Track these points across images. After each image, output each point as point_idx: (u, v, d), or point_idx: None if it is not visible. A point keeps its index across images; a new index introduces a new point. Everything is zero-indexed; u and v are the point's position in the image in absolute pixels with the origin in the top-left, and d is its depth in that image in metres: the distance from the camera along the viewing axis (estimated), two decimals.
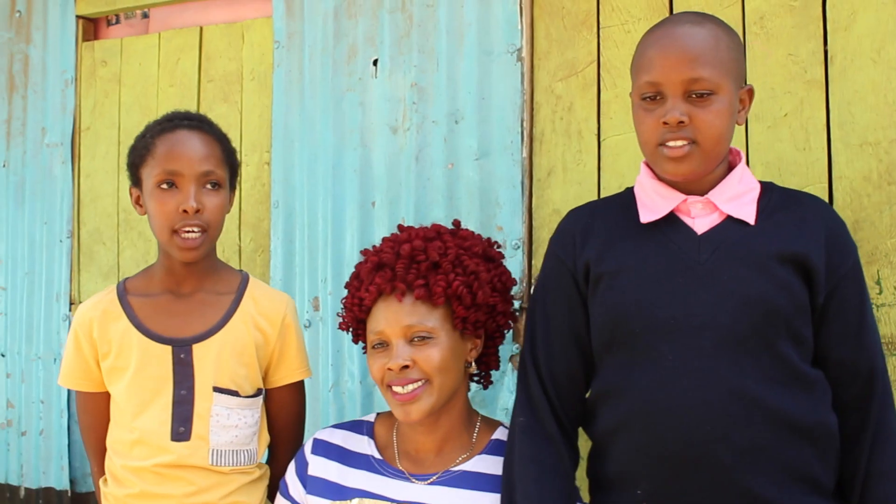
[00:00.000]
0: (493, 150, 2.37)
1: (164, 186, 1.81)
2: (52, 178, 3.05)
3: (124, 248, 2.96)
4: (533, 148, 2.38)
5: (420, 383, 1.68)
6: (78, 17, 3.03)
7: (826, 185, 2.04)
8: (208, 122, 1.91)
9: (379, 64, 2.52)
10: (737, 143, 2.09)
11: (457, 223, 1.87)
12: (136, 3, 2.96)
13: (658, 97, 1.54)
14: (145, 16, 3.06)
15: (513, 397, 2.33)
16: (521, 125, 2.35)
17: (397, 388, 1.68)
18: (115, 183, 2.97)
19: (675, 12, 2.21)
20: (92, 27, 3.10)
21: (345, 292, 2.50)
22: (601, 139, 2.29)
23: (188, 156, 1.80)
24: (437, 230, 1.81)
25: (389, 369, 1.68)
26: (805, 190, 2.04)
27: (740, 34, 2.12)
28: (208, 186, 1.83)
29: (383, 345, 1.72)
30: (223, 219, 1.87)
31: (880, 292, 1.98)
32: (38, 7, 3.08)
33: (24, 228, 3.08)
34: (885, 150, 1.99)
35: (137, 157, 1.87)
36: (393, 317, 1.70)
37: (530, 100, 2.38)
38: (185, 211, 1.78)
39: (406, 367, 1.67)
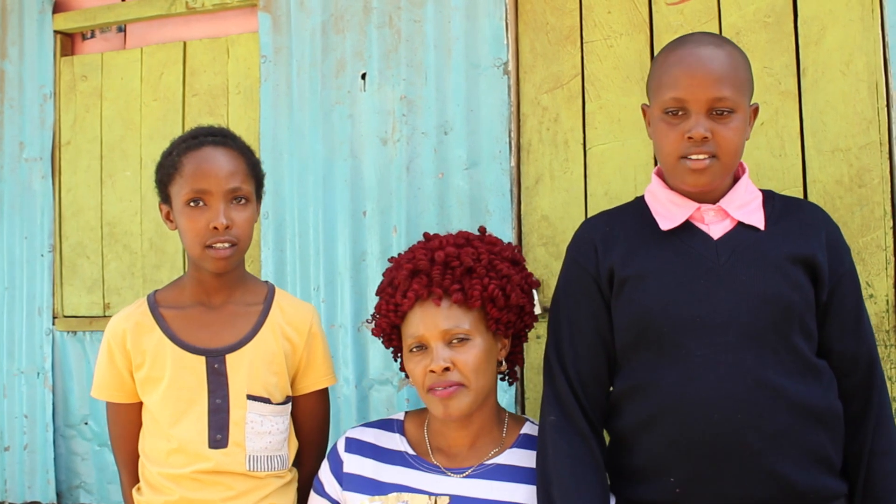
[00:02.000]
0: (481, 160, 2.47)
1: (193, 204, 1.85)
2: (31, 192, 3.04)
3: (109, 260, 2.98)
4: (521, 157, 2.48)
5: (454, 388, 1.76)
6: (55, 32, 3.04)
7: (801, 189, 2.19)
8: (232, 137, 1.94)
9: (367, 77, 2.60)
10: None
11: (482, 229, 1.95)
12: (117, 19, 2.98)
13: (681, 112, 1.65)
14: (121, 30, 3.08)
15: (506, 396, 2.43)
16: (509, 136, 2.45)
17: (440, 389, 1.76)
18: (97, 196, 2.99)
19: (654, 29, 2.34)
20: (69, 42, 3.10)
21: (339, 301, 2.60)
22: (587, 148, 2.41)
23: (215, 173, 1.85)
24: (466, 237, 1.90)
25: (432, 371, 1.76)
26: (782, 193, 2.18)
27: None
28: (235, 202, 1.88)
29: (422, 348, 1.80)
30: (252, 231, 1.92)
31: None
32: (13, 23, 3.08)
33: (3, 244, 3.07)
34: (854, 156, 2.15)
35: (165, 176, 1.90)
36: (431, 321, 1.78)
37: (517, 111, 2.49)
38: (215, 228, 1.83)
39: (447, 368, 1.75)
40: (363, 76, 2.61)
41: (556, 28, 2.45)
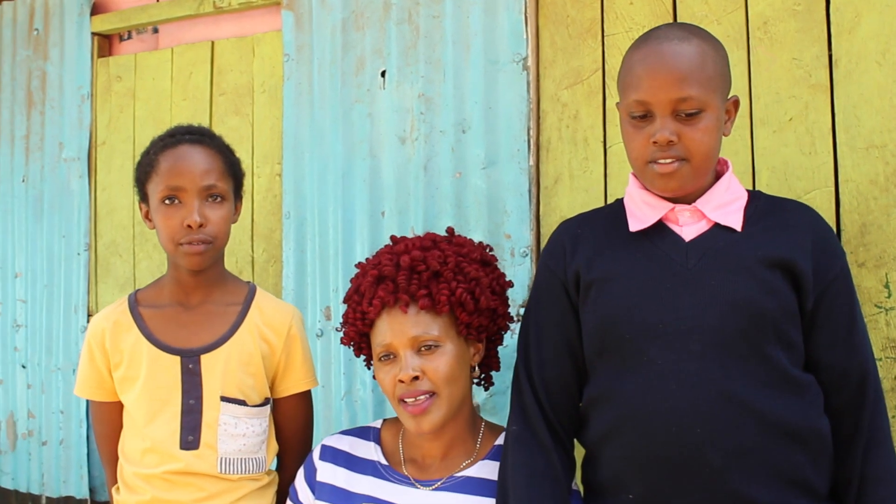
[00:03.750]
0: (500, 159, 2.39)
1: (168, 202, 1.84)
2: (69, 192, 3.10)
3: (140, 259, 3.01)
4: (539, 156, 2.39)
5: (427, 396, 1.69)
6: (93, 33, 3.09)
7: (832, 189, 2.04)
8: (210, 135, 1.94)
9: (387, 75, 2.55)
10: (742, 147, 2.10)
11: (450, 230, 1.88)
12: (150, 20, 3.01)
13: (647, 115, 1.55)
14: (155, 31, 3.11)
15: None
16: (528, 133, 2.36)
17: (409, 401, 1.69)
18: (130, 196, 3.02)
19: (678, 19, 2.22)
20: (106, 43, 3.15)
21: None
22: (607, 146, 2.30)
23: (189, 171, 1.83)
24: (433, 239, 1.82)
25: (401, 381, 1.69)
26: (811, 194, 2.04)
27: (744, 39, 2.12)
28: (211, 199, 1.86)
29: (390, 356, 1.73)
30: (228, 229, 1.90)
31: (889, 296, 1.97)
32: (54, 25, 3.14)
33: (42, 242, 3.13)
34: (891, 153, 1.98)
35: (143, 174, 1.90)
36: (398, 328, 1.71)
37: (536, 108, 2.39)
38: (189, 226, 1.82)
39: (416, 377, 1.68)
40: (382, 74, 2.56)
41: (576, 21, 2.35)
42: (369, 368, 1.89)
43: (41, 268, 3.13)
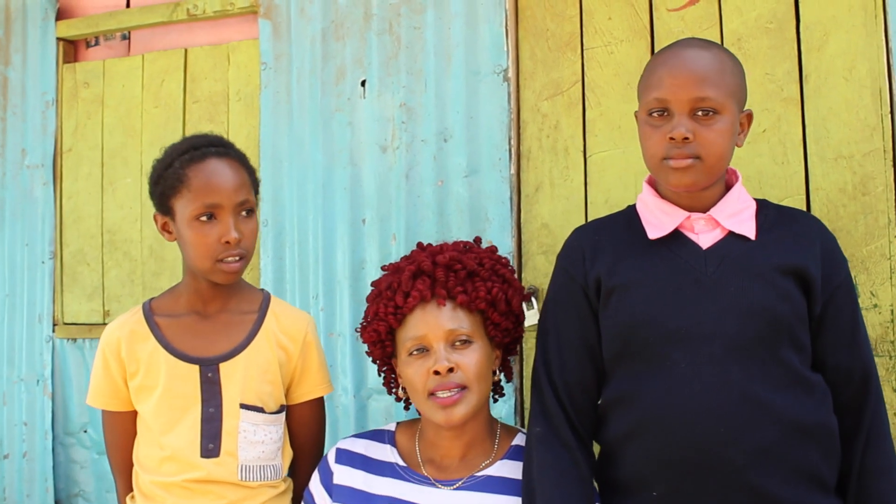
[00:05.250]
0: (481, 168, 2.45)
1: (205, 219, 1.82)
2: (32, 199, 3.04)
3: (109, 268, 2.97)
4: (520, 165, 2.46)
5: (459, 389, 1.73)
6: (58, 39, 3.04)
7: (804, 197, 2.16)
8: (232, 146, 1.91)
9: (367, 85, 2.58)
10: None
11: (478, 240, 1.95)
12: (119, 26, 2.98)
13: (665, 114, 1.63)
14: (125, 38, 3.08)
15: (506, 406, 2.40)
16: (509, 143, 2.43)
17: (440, 393, 1.72)
18: (98, 204, 2.99)
19: (655, 35, 2.32)
20: (72, 49, 3.10)
21: (338, 309, 2.58)
22: (587, 156, 2.38)
23: (225, 188, 1.82)
24: (465, 244, 1.89)
25: (436, 372, 1.72)
26: (784, 201, 2.15)
27: None
28: (244, 214, 1.86)
29: (423, 350, 1.77)
30: (256, 240, 1.92)
31: (857, 297, 2.09)
32: (17, 30, 3.09)
33: (4, 250, 3.07)
34: (858, 163, 2.11)
35: (168, 188, 1.85)
36: (434, 321, 1.75)
37: (517, 118, 2.47)
38: (227, 242, 1.81)
39: (451, 369, 1.72)
40: (363, 83, 2.59)
41: (556, 34, 2.43)
42: (380, 375, 1.92)
43: (2, 277, 3.06)
